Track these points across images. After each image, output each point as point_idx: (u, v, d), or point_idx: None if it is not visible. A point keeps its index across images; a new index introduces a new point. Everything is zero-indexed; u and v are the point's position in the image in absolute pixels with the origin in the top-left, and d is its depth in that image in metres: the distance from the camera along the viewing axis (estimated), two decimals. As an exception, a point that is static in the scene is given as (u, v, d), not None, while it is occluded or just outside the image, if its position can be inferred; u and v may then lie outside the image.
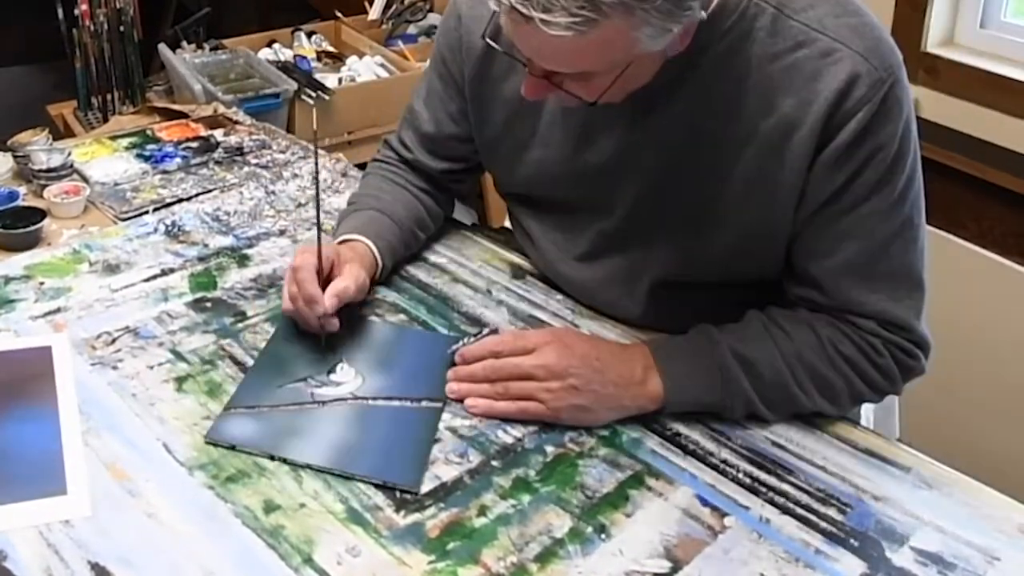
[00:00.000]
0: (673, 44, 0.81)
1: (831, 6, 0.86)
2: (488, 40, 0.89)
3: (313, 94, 2.05)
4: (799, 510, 0.83)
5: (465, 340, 0.95)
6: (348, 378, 0.95)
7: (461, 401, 0.92)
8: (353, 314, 1.02)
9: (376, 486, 0.83)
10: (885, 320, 0.90)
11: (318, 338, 0.98)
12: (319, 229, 0.96)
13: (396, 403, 0.92)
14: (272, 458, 0.85)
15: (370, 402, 0.92)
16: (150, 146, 1.48)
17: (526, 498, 0.82)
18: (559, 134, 1.00)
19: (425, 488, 0.83)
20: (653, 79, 0.87)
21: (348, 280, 0.98)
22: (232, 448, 0.86)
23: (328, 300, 0.95)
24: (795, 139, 0.86)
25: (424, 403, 0.92)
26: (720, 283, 0.98)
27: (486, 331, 0.97)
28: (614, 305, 1.05)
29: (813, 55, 0.85)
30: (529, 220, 1.11)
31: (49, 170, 1.32)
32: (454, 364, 0.95)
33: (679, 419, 0.92)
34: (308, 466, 0.84)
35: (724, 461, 0.87)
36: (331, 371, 0.95)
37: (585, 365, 0.88)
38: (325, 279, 0.97)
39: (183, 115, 1.63)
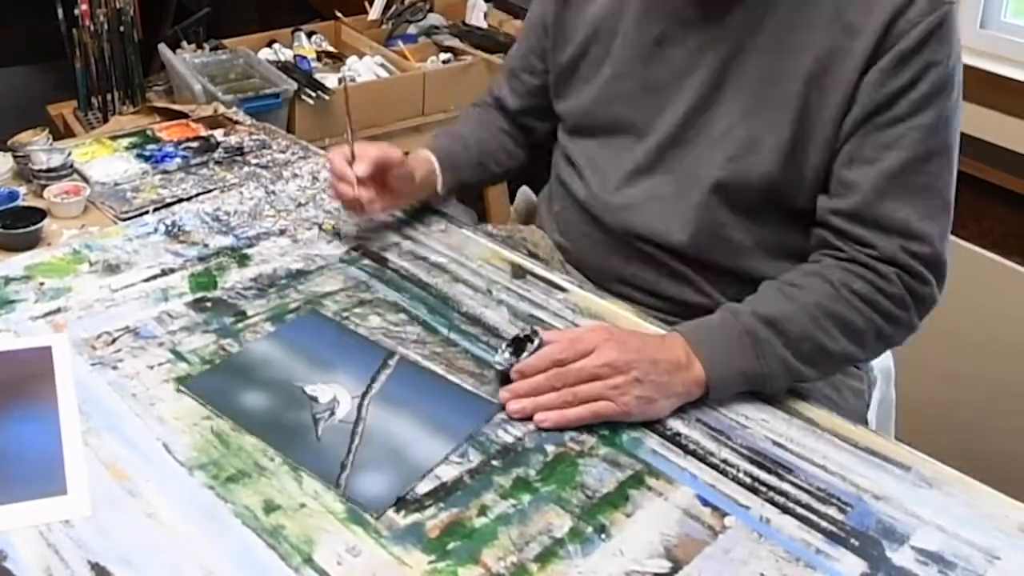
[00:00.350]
0: None
1: None
2: None
3: (313, 94, 2.05)
4: (799, 509, 0.83)
5: (502, 350, 0.93)
6: (330, 394, 0.93)
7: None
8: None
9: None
10: (911, 233, 0.93)
11: (263, 387, 0.93)
12: (350, 132, 1.10)
13: (382, 376, 0.95)
14: (423, 476, 0.83)
15: (374, 390, 0.94)
16: (150, 146, 1.48)
17: (526, 498, 0.82)
18: (631, 51, 1.07)
19: (425, 488, 0.83)
20: None
21: (378, 149, 1.08)
22: (401, 500, 0.81)
23: (357, 166, 1.06)
24: (855, 44, 0.91)
25: (390, 362, 0.97)
26: (764, 201, 1.01)
27: (536, 342, 0.92)
28: (656, 226, 1.07)
29: None
30: (579, 151, 1.15)
31: (49, 170, 1.32)
32: (506, 380, 0.92)
33: (679, 419, 0.92)
34: (447, 458, 0.86)
35: (724, 461, 0.87)
36: (314, 400, 0.92)
37: (642, 356, 0.90)
38: (379, 183, 1.10)
39: (183, 115, 1.63)
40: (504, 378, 0.93)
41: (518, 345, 0.93)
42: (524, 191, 1.44)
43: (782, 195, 1.01)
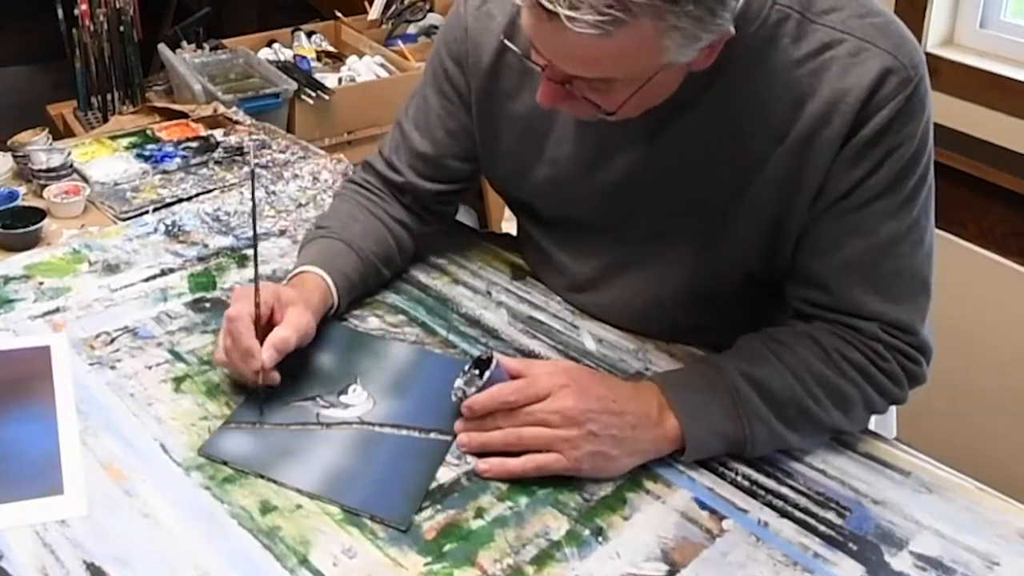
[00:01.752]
0: (699, 59, 0.79)
1: (854, 7, 0.86)
2: (504, 40, 0.88)
3: (313, 94, 2.05)
4: (798, 513, 0.82)
5: (464, 373, 0.87)
6: (359, 400, 0.91)
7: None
8: (366, 336, 1.01)
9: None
10: (887, 322, 0.89)
11: (334, 355, 0.96)
12: (256, 274, 0.89)
13: (404, 432, 0.88)
14: (261, 477, 0.83)
15: (376, 429, 0.89)
16: (150, 146, 1.48)
17: (523, 500, 0.82)
18: (570, 151, 0.97)
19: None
20: (674, 92, 0.85)
21: (288, 329, 0.89)
22: (224, 464, 0.84)
23: (266, 353, 0.87)
24: (822, 137, 0.86)
25: (433, 435, 0.88)
26: (737, 291, 0.96)
27: (494, 365, 0.86)
28: (635, 316, 1.02)
29: (841, 55, 0.84)
30: (537, 234, 1.08)
31: (49, 170, 1.32)
32: (460, 402, 0.87)
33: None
34: (298, 491, 0.82)
35: (722, 464, 0.87)
36: (342, 392, 0.92)
37: (603, 409, 0.83)
38: (266, 324, 0.90)
39: (183, 115, 1.63)
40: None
41: (482, 367, 0.86)
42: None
43: (759, 283, 0.96)
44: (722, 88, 0.87)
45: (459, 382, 0.86)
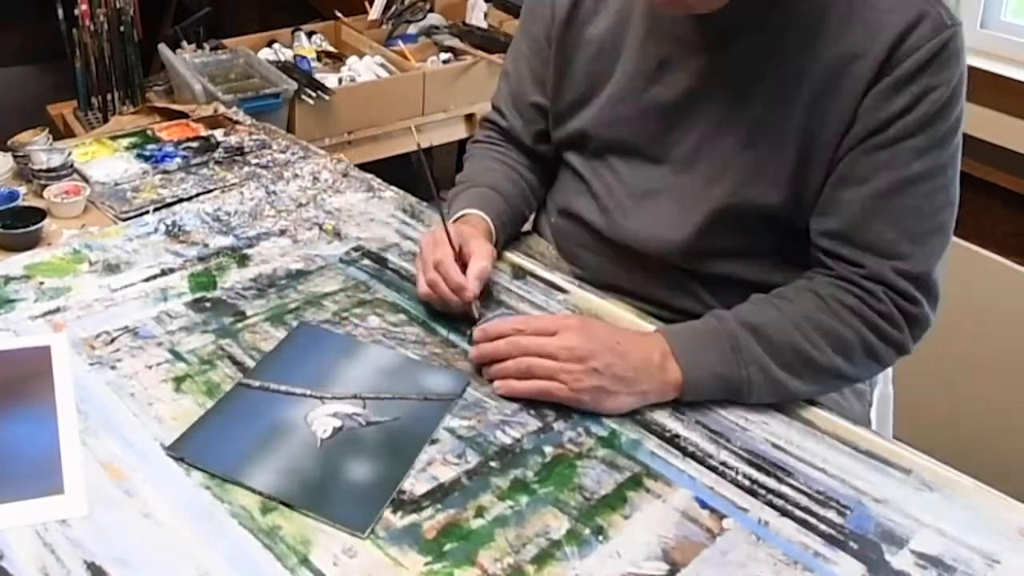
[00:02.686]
0: None
1: None
2: None
3: (313, 94, 2.05)
4: (798, 512, 0.82)
5: (487, 318, 0.99)
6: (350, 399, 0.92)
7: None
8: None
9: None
10: (897, 254, 0.93)
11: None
12: (444, 220, 1.03)
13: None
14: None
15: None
16: (150, 146, 1.48)
17: (524, 499, 0.82)
18: (632, 70, 1.04)
19: (422, 489, 0.83)
20: (733, 10, 0.92)
21: (484, 259, 1.02)
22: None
23: (472, 283, 0.99)
24: (856, 67, 0.91)
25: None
26: (766, 222, 1.00)
27: (502, 310, 1.00)
28: (657, 239, 1.06)
29: None
30: (580, 167, 1.13)
31: (49, 170, 1.32)
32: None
33: (678, 420, 0.92)
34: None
35: (723, 463, 0.87)
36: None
37: (607, 349, 0.90)
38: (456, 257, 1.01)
39: (183, 115, 1.63)
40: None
41: None
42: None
43: (784, 218, 1.00)
44: (776, 13, 0.93)
45: (481, 323, 0.97)
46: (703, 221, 1.02)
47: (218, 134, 1.53)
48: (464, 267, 1.02)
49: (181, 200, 1.31)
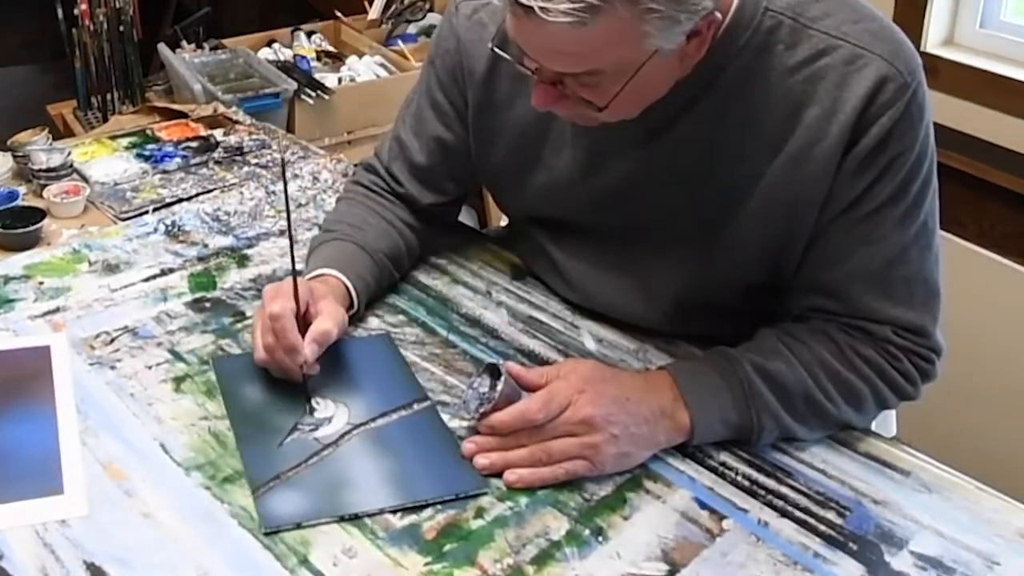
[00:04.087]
0: (690, 49, 0.79)
1: (848, 12, 0.85)
2: (495, 48, 0.87)
3: (313, 93, 2.05)
4: (798, 513, 0.82)
5: (470, 389, 0.86)
6: (331, 411, 0.90)
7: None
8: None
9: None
10: (900, 326, 0.89)
11: (277, 383, 0.91)
12: (294, 271, 0.89)
13: (395, 416, 0.90)
14: (343, 519, 0.79)
15: (372, 425, 0.89)
16: (150, 146, 1.48)
17: (523, 500, 0.82)
18: (566, 158, 0.97)
19: (423, 489, 0.83)
20: (667, 99, 0.85)
21: (328, 322, 0.90)
22: (299, 526, 0.78)
23: (308, 347, 0.88)
24: (819, 148, 0.85)
25: (415, 406, 0.91)
26: (738, 298, 0.96)
27: (502, 379, 0.84)
28: (635, 316, 1.02)
29: (836, 63, 0.83)
30: (533, 232, 1.08)
31: (49, 170, 1.32)
32: (474, 418, 0.86)
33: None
34: (381, 511, 0.80)
35: (723, 464, 0.87)
36: (311, 411, 0.89)
37: (620, 409, 0.84)
38: (300, 319, 0.90)
39: (183, 115, 1.63)
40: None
41: (493, 375, 0.85)
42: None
43: (762, 289, 0.95)
44: (717, 96, 0.87)
45: (470, 400, 0.86)
46: (671, 309, 0.98)
47: (218, 134, 1.53)
48: (307, 328, 0.89)
49: (181, 200, 1.31)
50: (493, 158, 1.03)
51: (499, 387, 0.84)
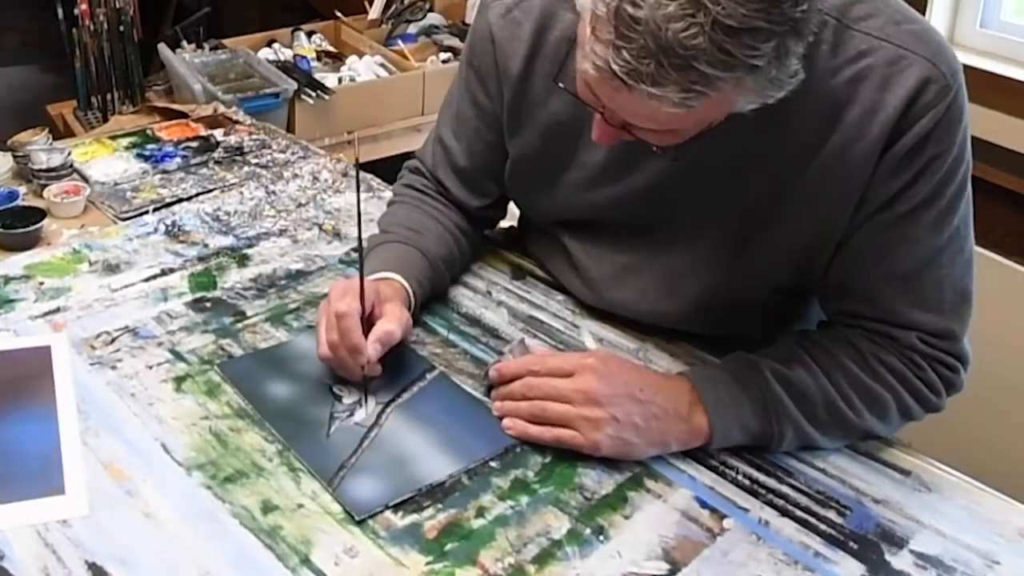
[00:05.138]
0: None
1: (891, 12, 0.84)
2: (560, 84, 0.85)
3: (313, 93, 2.05)
4: (798, 512, 0.82)
5: (504, 354, 0.93)
6: (356, 395, 0.92)
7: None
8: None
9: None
10: (927, 331, 0.88)
11: (287, 377, 0.93)
12: (361, 270, 0.91)
13: (415, 388, 0.94)
14: (420, 491, 0.82)
15: (399, 400, 0.92)
16: (150, 146, 1.48)
17: (524, 499, 0.82)
18: (602, 156, 0.96)
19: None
20: None
21: (393, 323, 0.91)
22: (387, 508, 0.81)
23: (371, 347, 0.89)
24: (858, 148, 0.84)
25: (428, 376, 0.96)
26: (763, 303, 0.96)
27: (516, 341, 0.95)
28: (656, 315, 1.01)
29: (879, 63, 0.83)
30: (556, 231, 1.07)
31: (49, 170, 1.32)
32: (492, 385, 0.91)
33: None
34: (451, 477, 0.83)
35: (723, 463, 0.87)
36: (338, 399, 0.91)
37: (627, 396, 0.84)
38: (366, 319, 0.91)
39: (183, 115, 1.63)
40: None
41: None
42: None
43: (786, 294, 0.96)
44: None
45: (497, 361, 0.92)
46: (694, 309, 0.97)
47: (218, 134, 1.53)
48: (370, 329, 0.90)
49: (181, 200, 1.31)
50: (525, 154, 1.03)
51: (514, 344, 0.93)
